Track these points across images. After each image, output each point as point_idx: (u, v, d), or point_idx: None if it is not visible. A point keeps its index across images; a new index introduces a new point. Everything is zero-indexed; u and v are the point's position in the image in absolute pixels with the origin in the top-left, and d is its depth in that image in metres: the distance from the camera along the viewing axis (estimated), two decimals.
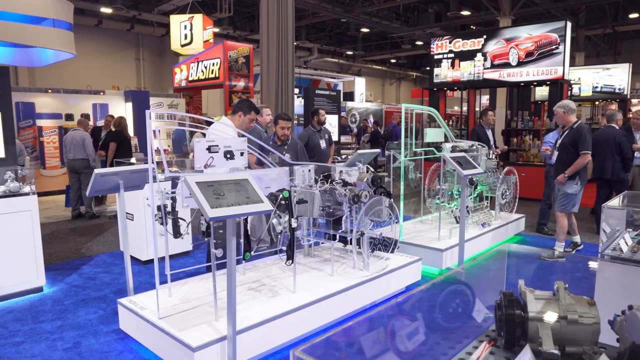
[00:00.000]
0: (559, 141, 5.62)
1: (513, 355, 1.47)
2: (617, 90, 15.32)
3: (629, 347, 1.24)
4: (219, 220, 2.69)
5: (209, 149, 3.41)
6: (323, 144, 6.49)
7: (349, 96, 21.02)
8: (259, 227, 5.27)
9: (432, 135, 6.07)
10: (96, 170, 3.71)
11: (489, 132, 7.43)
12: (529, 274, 2.34)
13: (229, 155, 3.53)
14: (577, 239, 5.73)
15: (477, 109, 12.34)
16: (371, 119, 19.18)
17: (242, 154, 3.62)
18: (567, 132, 5.49)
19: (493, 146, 7.25)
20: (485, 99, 16.49)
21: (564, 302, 1.44)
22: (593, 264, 2.55)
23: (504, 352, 1.51)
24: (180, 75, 13.30)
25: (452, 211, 5.98)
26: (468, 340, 1.60)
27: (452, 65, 10.92)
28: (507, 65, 10.05)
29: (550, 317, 1.42)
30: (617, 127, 6.69)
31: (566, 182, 5.36)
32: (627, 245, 2.71)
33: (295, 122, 12.79)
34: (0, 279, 4.29)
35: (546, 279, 2.20)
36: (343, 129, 14.64)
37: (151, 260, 5.38)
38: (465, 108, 11.59)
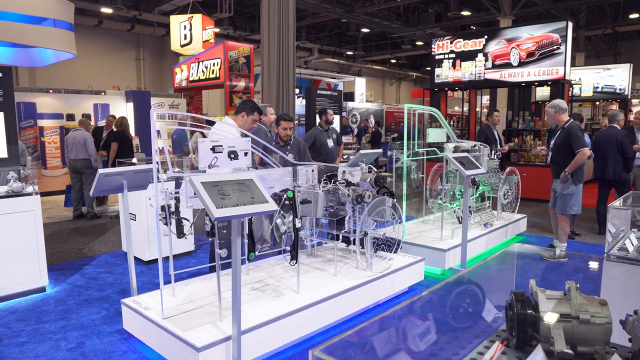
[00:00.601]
0: (552, 142, 5.62)
1: (525, 355, 1.47)
2: (617, 91, 15.33)
3: None
4: (224, 220, 2.69)
5: (213, 149, 3.41)
6: (330, 143, 6.51)
7: (349, 96, 21.02)
8: (258, 227, 5.27)
9: (434, 135, 6.07)
10: (100, 171, 3.70)
11: (496, 132, 7.56)
12: (532, 274, 2.33)
13: (232, 155, 3.53)
14: (559, 244, 5.61)
15: (477, 109, 12.34)
16: (372, 120, 19.17)
17: (245, 154, 3.62)
18: (559, 132, 5.48)
19: (499, 146, 7.36)
20: (485, 99, 16.49)
21: (575, 302, 1.44)
22: (597, 264, 2.55)
23: (515, 352, 1.51)
24: (181, 76, 13.28)
25: (454, 211, 5.97)
26: (479, 340, 1.60)
27: (454, 65, 10.92)
28: (509, 65, 10.05)
29: (562, 317, 1.42)
30: (619, 128, 6.69)
31: (561, 184, 5.36)
32: (633, 245, 2.71)
33: (296, 122, 12.79)
34: (3, 279, 4.29)
35: (548, 279, 2.20)
36: (344, 130, 14.65)
37: (153, 261, 5.38)
38: (466, 108, 11.59)
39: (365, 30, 21.72)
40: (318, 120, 6.83)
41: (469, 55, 10.66)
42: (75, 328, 3.80)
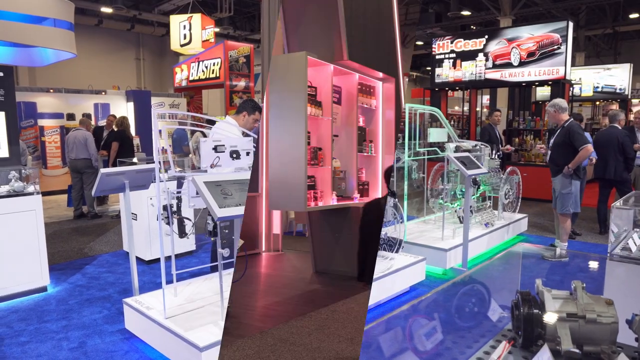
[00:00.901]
0: (552, 141, 5.61)
1: (531, 354, 1.46)
2: (618, 91, 15.33)
3: None
4: (227, 220, 2.68)
5: (215, 148, 3.40)
6: None
7: None
8: None
9: (435, 135, 6.07)
10: (102, 170, 3.70)
11: (497, 131, 7.68)
12: (536, 274, 2.33)
13: (235, 155, 3.52)
14: (560, 243, 5.60)
15: (477, 109, 12.34)
16: None
17: (247, 153, 3.61)
18: (559, 131, 5.48)
19: (501, 145, 7.46)
20: (486, 99, 16.50)
21: (581, 302, 1.44)
22: (598, 264, 2.54)
23: (521, 351, 1.51)
24: (181, 75, 13.29)
25: (455, 211, 5.97)
26: (484, 339, 1.60)
27: (454, 65, 10.92)
28: (509, 65, 10.05)
29: (569, 316, 1.41)
30: (620, 127, 6.69)
31: (560, 182, 5.35)
32: (636, 245, 2.71)
33: None
34: (5, 278, 4.28)
35: (552, 278, 2.19)
36: None
37: (154, 260, 5.38)
38: (466, 108, 11.58)
39: None
40: None
41: (470, 55, 10.65)
42: (77, 327, 3.79)
